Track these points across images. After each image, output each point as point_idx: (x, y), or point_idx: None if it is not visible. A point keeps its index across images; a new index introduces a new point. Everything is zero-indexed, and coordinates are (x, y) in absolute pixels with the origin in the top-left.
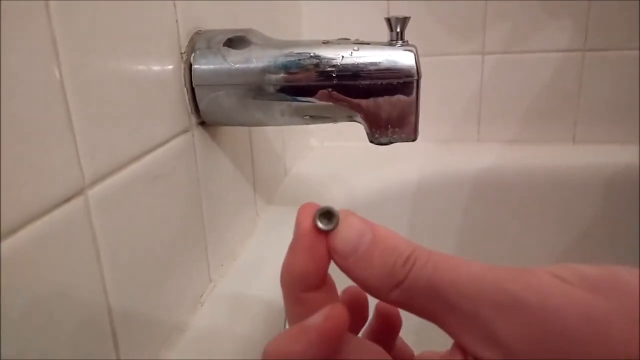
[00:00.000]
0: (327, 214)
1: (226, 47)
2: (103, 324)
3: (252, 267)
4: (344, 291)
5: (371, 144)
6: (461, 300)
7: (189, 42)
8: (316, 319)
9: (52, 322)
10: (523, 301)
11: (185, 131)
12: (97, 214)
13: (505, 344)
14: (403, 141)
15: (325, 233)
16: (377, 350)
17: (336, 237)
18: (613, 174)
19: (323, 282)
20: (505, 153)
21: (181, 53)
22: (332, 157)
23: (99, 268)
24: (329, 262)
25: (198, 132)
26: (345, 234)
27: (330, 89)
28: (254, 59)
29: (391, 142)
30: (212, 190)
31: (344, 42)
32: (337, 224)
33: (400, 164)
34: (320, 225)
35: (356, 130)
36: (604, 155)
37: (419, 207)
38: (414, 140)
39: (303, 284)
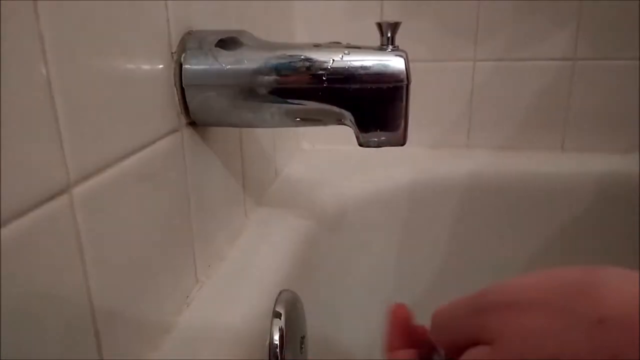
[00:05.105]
0: None
1: (217, 48)
2: (85, 324)
3: (240, 268)
4: None
5: (363, 148)
6: None
7: (179, 42)
8: None
9: (31, 322)
10: None
11: (174, 131)
12: (82, 212)
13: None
14: (392, 145)
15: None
16: None
17: None
18: (601, 181)
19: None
20: (495, 159)
21: (172, 53)
22: (324, 160)
23: (82, 267)
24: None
25: (187, 133)
26: None
27: (320, 93)
28: (246, 60)
29: (380, 146)
30: (201, 191)
31: (334, 45)
32: None
33: (390, 169)
34: None
35: (348, 133)
36: (592, 163)
37: (408, 211)
38: (402, 144)
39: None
